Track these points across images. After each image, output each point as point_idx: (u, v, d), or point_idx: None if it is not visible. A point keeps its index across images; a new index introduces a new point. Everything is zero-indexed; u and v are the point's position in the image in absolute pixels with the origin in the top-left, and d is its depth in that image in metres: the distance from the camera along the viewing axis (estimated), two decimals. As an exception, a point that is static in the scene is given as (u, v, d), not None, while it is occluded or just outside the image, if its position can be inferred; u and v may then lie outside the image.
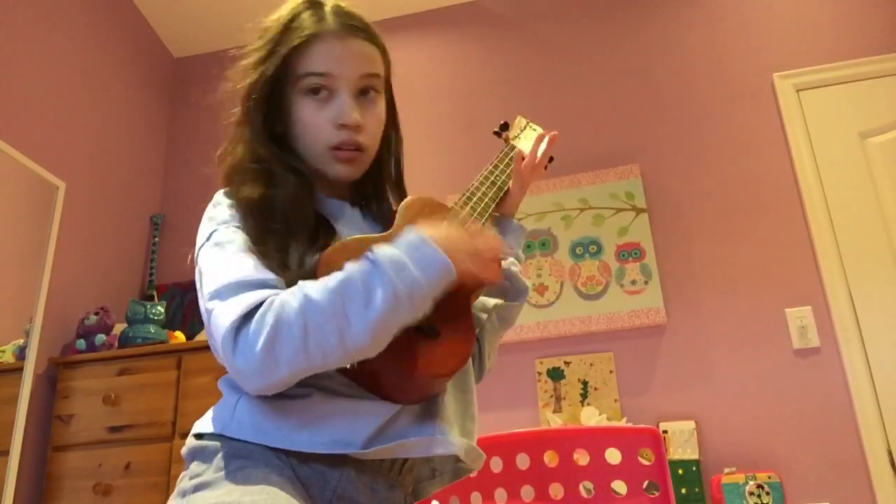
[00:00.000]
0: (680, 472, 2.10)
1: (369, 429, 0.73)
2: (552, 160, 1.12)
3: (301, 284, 0.70)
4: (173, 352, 2.24)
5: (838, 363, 2.22)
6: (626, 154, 2.62)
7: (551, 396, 2.38)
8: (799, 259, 2.36)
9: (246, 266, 0.73)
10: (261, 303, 0.69)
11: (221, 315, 0.69)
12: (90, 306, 2.45)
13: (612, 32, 2.83)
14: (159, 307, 2.43)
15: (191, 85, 3.23)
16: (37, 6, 2.43)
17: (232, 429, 0.75)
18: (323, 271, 0.73)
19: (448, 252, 0.71)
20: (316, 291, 0.68)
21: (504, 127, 1.16)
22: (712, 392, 2.28)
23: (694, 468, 2.11)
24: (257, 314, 0.68)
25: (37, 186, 2.32)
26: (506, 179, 1.04)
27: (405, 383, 0.74)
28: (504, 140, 1.14)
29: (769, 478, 1.97)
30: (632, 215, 2.51)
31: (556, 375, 2.40)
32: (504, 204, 1.05)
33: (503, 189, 1.03)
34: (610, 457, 1.20)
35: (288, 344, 0.66)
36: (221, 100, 0.89)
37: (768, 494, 1.95)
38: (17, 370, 2.15)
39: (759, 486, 1.96)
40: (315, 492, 0.75)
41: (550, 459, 1.24)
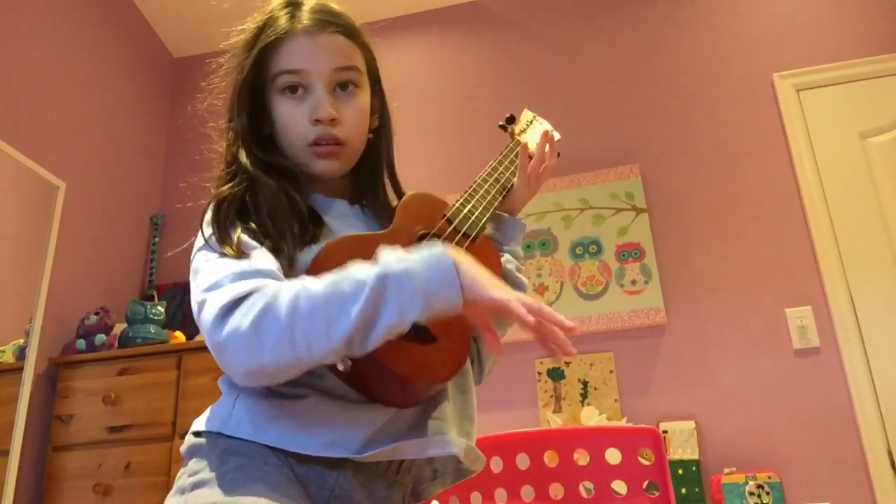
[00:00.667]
0: (680, 472, 2.10)
1: (366, 432, 0.73)
2: (558, 155, 1.10)
3: (302, 277, 0.69)
4: (173, 352, 2.24)
5: (838, 363, 2.22)
6: (626, 154, 2.62)
7: (551, 396, 2.38)
8: (799, 259, 2.36)
9: (243, 260, 0.73)
10: (255, 289, 0.68)
11: (214, 298, 0.69)
12: (90, 306, 2.45)
13: (612, 32, 2.83)
14: (159, 307, 2.43)
15: (191, 85, 3.23)
16: (37, 6, 2.43)
17: (230, 427, 0.75)
18: (317, 269, 0.72)
19: (465, 287, 0.67)
20: (314, 283, 0.67)
21: (510, 120, 1.13)
22: (712, 392, 2.28)
23: (694, 468, 2.11)
24: (249, 297, 0.67)
25: (37, 186, 2.32)
26: (510, 176, 1.02)
27: (401, 388, 0.73)
28: (510, 134, 1.12)
29: (769, 478, 1.98)
30: (632, 215, 2.51)
31: (556, 375, 2.40)
32: (508, 201, 1.02)
33: (507, 186, 1.01)
34: (610, 457, 1.20)
35: (274, 328, 0.65)
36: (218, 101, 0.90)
37: (768, 494, 1.95)
38: (17, 370, 2.15)
39: (759, 486, 1.96)
40: (313, 491, 0.74)
41: (550, 459, 1.24)
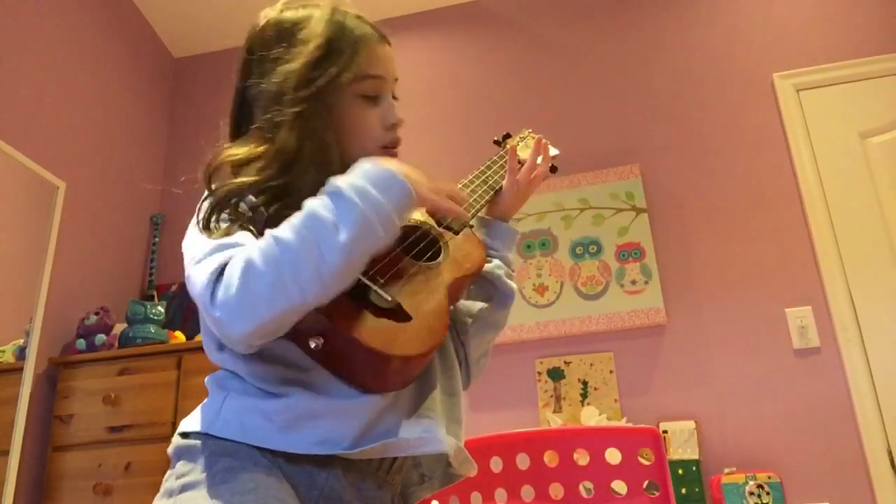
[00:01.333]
0: (680, 472, 2.10)
1: (356, 427, 0.73)
2: (556, 170, 1.11)
3: (267, 231, 0.70)
4: (173, 352, 2.24)
5: (838, 363, 2.22)
6: (626, 154, 2.62)
7: (551, 396, 2.38)
8: (799, 259, 2.36)
9: (225, 238, 0.74)
10: (231, 256, 0.69)
11: (198, 274, 0.70)
12: (90, 306, 2.45)
13: (612, 32, 2.83)
14: (159, 307, 2.43)
15: (191, 85, 3.23)
16: (37, 7, 2.43)
17: (217, 427, 0.75)
18: None
19: (404, 177, 0.72)
20: (281, 231, 0.68)
21: (505, 137, 1.16)
22: (712, 392, 2.28)
23: (694, 468, 2.11)
24: (229, 264, 0.68)
25: (37, 186, 2.32)
26: (498, 179, 1.04)
27: (372, 366, 0.72)
28: (503, 148, 1.14)
29: (769, 478, 1.97)
30: (632, 215, 2.51)
31: (556, 375, 2.40)
32: (497, 205, 1.04)
33: (495, 188, 1.02)
34: (610, 457, 1.20)
35: (263, 283, 0.65)
36: (222, 99, 0.89)
37: (768, 494, 1.95)
38: (17, 370, 2.15)
39: (759, 486, 1.96)
40: (302, 491, 0.74)
41: (550, 459, 1.24)
